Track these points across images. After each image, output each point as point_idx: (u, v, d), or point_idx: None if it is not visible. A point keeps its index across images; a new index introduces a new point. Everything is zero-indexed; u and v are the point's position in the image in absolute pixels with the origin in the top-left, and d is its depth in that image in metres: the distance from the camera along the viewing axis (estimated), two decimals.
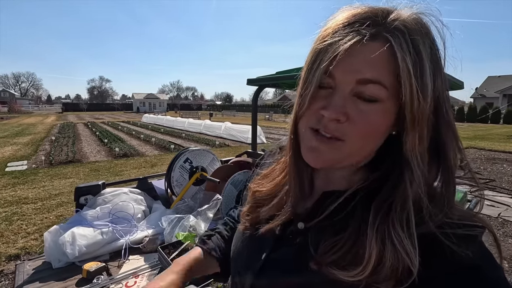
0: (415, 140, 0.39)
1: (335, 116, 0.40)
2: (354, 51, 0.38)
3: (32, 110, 52.49)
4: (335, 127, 0.41)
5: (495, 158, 8.91)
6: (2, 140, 12.21)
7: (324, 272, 0.42)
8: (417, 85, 0.36)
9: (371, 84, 0.38)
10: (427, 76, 0.37)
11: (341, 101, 0.40)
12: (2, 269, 2.90)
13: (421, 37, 0.37)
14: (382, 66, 0.37)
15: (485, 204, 4.62)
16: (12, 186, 5.52)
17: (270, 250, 0.53)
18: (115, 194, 2.04)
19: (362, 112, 0.39)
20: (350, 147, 0.42)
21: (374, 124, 0.40)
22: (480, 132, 17.04)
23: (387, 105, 0.39)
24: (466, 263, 0.36)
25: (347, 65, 0.39)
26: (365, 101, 0.39)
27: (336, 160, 0.43)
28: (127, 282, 1.51)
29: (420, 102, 0.37)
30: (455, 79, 2.33)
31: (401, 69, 0.36)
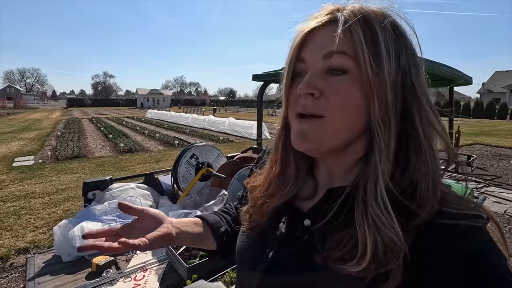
0: (374, 104, 0.41)
1: (307, 90, 0.42)
2: (317, 34, 0.43)
3: (37, 106, 52.96)
4: (311, 104, 0.43)
5: (501, 154, 8.81)
6: (9, 135, 12.35)
7: (332, 268, 0.42)
8: (369, 52, 0.40)
9: (336, 55, 0.42)
10: (381, 47, 0.40)
11: (312, 77, 0.43)
12: (12, 262, 2.94)
13: (375, 17, 0.42)
14: (343, 40, 0.41)
15: (491, 201, 4.58)
16: (19, 181, 5.59)
17: (277, 247, 0.53)
18: (122, 189, 2.06)
19: (333, 84, 0.42)
20: (331, 123, 0.43)
21: (346, 95, 0.42)
22: (486, 128, 16.84)
23: (355, 75, 0.41)
24: (470, 251, 0.37)
25: (312, 46, 0.44)
26: (334, 74, 0.42)
27: (320, 138, 0.44)
28: (136, 276, 1.54)
29: (373, 68, 0.40)
30: (464, 75, 2.30)
31: (355, 40, 0.40)
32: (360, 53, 0.40)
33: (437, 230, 0.39)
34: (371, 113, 0.42)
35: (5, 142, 10.38)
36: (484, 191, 4.89)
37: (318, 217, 0.49)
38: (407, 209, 0.40)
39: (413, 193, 0.41)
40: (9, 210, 4.18)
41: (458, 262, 0.36)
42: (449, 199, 0.41)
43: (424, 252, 0.38)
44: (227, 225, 0.73)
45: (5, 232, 3.54)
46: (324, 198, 0.51)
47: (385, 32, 0.42)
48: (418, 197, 0.40)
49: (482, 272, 0.36)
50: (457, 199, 0.42)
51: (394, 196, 0.41)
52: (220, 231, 0.70)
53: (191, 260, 1.50)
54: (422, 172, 0.41)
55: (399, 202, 0.40)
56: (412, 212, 0.39)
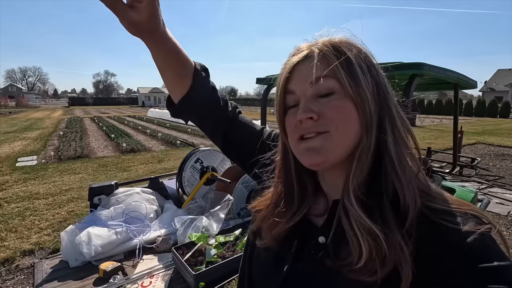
0: (362, 117, 0.46)
1: (306, 114, 0.46)
2: (300, 68, 0.48)
3: (39, 105, 53.08)
4: (313, 125, 0.47)
5: (504, 154, 8.76)
6: (11, 135, 12.39)
7: (346, 278, 0.43)
8: (345, 72, 0.45)
9: (322, 79, 0.46)
10: (355, 66, 0.46)
11: (306, 104, 0.47)
12: (18, 264, 2.97)
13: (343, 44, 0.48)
14: (323, 67, 0.46)
15: (494, 202, 4.56)
16: (23, 181, 5.62)
17: (291, 262, 0.53)
18: (127, 194, 2.07)
19: (326, 104, 0.46)
20: (336, 135, 0.46)
21: (340, 109, 0.46)
22: (489, 127, 16.77)
23: (342, 93, 0.46)
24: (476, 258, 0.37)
25: (298, 78, 0.49)
26: (324, 96, 0.47)
27: (329, 150, 0.47)
28: (143, 282, 1.55)
29: (351, 84, 0.45)
30: (469, 79, 2.29)
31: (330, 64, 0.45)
32: (338, 74, 0.45)
33: (439, 233, 0.40)
34: (362, 123, 0.46)
35: (8, 142, 10.42)
36: (487, 192, 4.87)
37: (330, 232, 0.50)
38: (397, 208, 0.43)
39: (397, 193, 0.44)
40: (13, 211, 4.20)
41: (463, 270, 0.37)
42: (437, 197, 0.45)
43: (427, 258, 0.39)
44: (220, 95, 0.69)
45: (10, 233, 3.57)
46: (331, 211, 0.53)
47: (353, 53, 0.47)
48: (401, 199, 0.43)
49: (487, 279, 0.36)
50: (445, 197, 0.45)
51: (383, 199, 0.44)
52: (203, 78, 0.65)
53: (198, 267, 1.51)
54: (397, 170, 0.45)
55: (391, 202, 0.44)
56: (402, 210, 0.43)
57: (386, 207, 0.43)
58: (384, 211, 0.43)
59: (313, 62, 0.46)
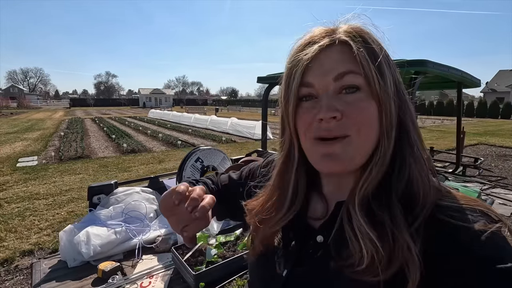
0: (382, 119, 0.44)
1: (330, 114, 0.43)
2: (321, 58, 0.44)
3: (40, 106, 53.25)
4: (336, 126, 0.44)
5: (506, 154, 8.73)
6: (12, 135, 12.42)
7: (347, 277, 0.42)
8: (376, 70, 0.42)
9: (347, 75, 0.43)
10: (382, 62, 0.43)
11: (329, 101, 0.44)
12: (17, 264, 2.96)
13: (367, 35, 0.45)
14: (349, 60, 0.43)
15: (497, 203, 4.53)
16: (23, 182, 5.62)
17: (291, 266, 0.52)
18: (127, 194, 2.05)
19: (351, 103, 0.43)
20: (358, 139, 0.44)
21: (365, 109, 0.43)
22: (490, 127, 16.73)
23: (367, 91, 0.43)
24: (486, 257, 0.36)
25: (319, 70, 0.44)
26: (349, 93, 0.44)
27: (350, 157, 0.45)
28: (142, 282, 1.52)
29: (380, 82, 0.42)
30: (473, 77, 2.27)
31: (360, 58, 0.42)
32: (368, 70, 0.42)
33: (448, 232, 0.39)
34: (382, 125, 0.44)
35: (9, 142, 10.44)
36: (490, 193, 4.84)
37: (330, 232, 0.48)
38: (409, 209, 0.41)
39: (411, 194, 0.42)
40: (13, 212, 4.19)
41: (471, 270, 0.36)
42: (450, 196, 0.43)
43: (435, 258, 0.38)
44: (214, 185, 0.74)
45: (9, 233, 3.56)
46: (335, 212, 0.51)
47: (378, 47, 0.45)
48: (416, 197, 0.42)
49: (496, 280, 0.35)
50: (457, 196, 0.43)
51: (392, 198, 0.42)
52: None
53: (198, 267, 1.49)
54: (418, 170, 0.43)
55: (400, 202, 0.42)
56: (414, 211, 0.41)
57: (395, 206, 0.41)
58: (394, 210, 0.41)
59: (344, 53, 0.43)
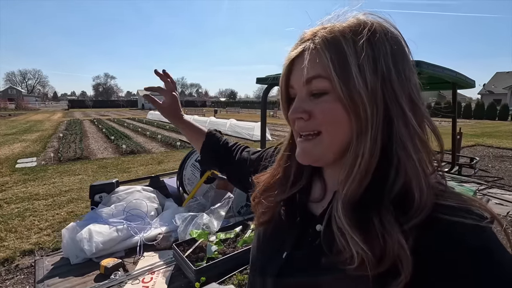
0: (352, 121, 0.44)
1: (296, 115, 0.47)
2: (297, 63, 0.48)
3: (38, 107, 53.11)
4: (304, 125, 0.48)
5: (503, 155, 8.80)
6: (11, 136, 12.39)
7: (339, 269, 0.43)
8: (336, 73, 0.43)
9: (314, 80, 0.45)
10: (350, 64, 0.42)
11: (299, 103, 0.48)
12: (17, 264, 2.97)
13: (344, 35, 0.44)
14: (317, 65, 0.45)
15: (494, 203, 4.57)
16: (23, 183, 5.62)
17: (291, 249, 0.55)
18: (128, 192, 2.08)
19: (317, 105, 0.46)
20: (326, 138, 0.47)
21: (330, 111, 0.45)
22: (487, 129, 16.82)
23: (335, 94, 0.44)
24: (476, 249, 0.37)
25: (296, 74, 0.48)
26: (317, 96, 0.46)
27: (319, 154, 0.49)
28: (144, 278, 1.55)
29: (342, 87, 0.42)
30: (467, 78, 2.32)
31: (323, 63, 0.44)
32: (330, 75, 0.43)
33: (440, 228, 0.39)
34: (351, 127, 0.45)
35: (7, 144, 10.42)
36: (486, 193, 4.88)
37: (328, 221, 0.50)
38: (404, 210, 0.41)
39: (407, 195, 0.42)
40: (13, 212, 4.20)
41: (464, 261, 0.37)
42: (446, 195, 0.43)
43: (427, 251, 0.39)
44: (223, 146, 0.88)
45: (9, 234, 3.57)
46: (332, 201, 0.53)
47: (355, 46, 0.43)
48: (416, 200, 0.41)
49: (490, 269, 0.36)
50: (454, 195, 0.43)
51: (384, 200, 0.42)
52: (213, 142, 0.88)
53: (199, 263, 1.52)
54: (413, 174, 0.42)
55: (393, 203, 0.42)
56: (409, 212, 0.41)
57: (387, 208, 0.41)
58: (385, 212, 0.41)
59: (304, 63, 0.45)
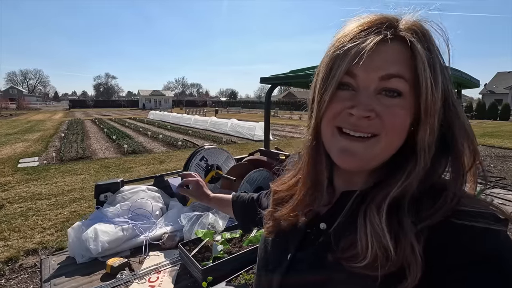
0: (426, 131, 0.41)
1: (365, 113, 0.42)
2: (375, 51, 0.41)
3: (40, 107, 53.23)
4: (367, 125, 0.42)
5: (505, 155, 8.79)
6: (13, 136, 12.42)
7: (344, 267, 0.43)
8: (431, 78, 0.39)
9: (394, 79, 0.41)
10: (438, 70, 0.40)
11: (368, 99, 0.42)
12: (21, 263, 2.98)
13: (430, 36, 0.42)
14: (403, 62, 0.41)
15: (496, 203, 4.57)
16: (25, 182, 5.63)
17: (295, 250, 0.55)
18: (133, 192, 2.08)
19: (388, 107, 0.42)
20: (384, 142, 0.43)
21: (400, 117, 0.42)
22: (489, 129, 16.80)
23: (408, 99, 0.41)
24: (485, 253, 0.36)
25: (369, 64, 0.41)
26: (389, 96, 0.42)
27: (368, 158, 0.44)
28: (150, 278, 1.55)
29: (433, 94, 0.40)
30: (472, 78, 2.31)
31: (419, 63, 0.40)
32: (422, 79, 0.39)
33: (451, 230, 0.38)
34: (420, 135, 0.42)
35: (9, 144, 10.44)
36: (489, 193, 4.88)
37: (333, 220, 0.50)
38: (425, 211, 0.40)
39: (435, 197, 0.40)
40: (16, 212, 4.21)
41: (472, 265, 0.36)
42: (465, 201, 0.41)
43: (437, 253, 0.38)
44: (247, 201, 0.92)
45: (13, 233, 3.58)
46: (339, 201, 0.53)
47: (437, 50, 0.42)
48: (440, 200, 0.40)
49: (496, 274, 0.35)
50: (469, 198, 0.42)
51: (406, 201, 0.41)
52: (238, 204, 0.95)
53: (205, 262, 1.52)
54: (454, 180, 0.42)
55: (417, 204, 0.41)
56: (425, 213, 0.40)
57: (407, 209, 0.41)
58: (404, 213, 0.41)
59: (398, 54, 0.41)
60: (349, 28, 0.44)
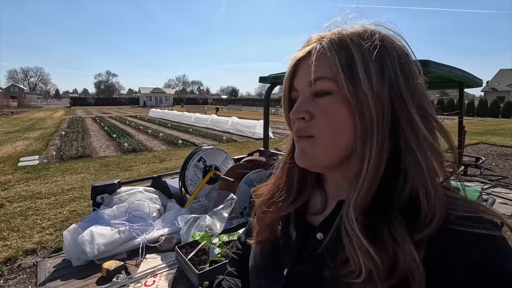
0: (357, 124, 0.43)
1: (297, 115, 0.47)
2: (303, 64, 0.48)
3: (41, 105, 53.33)
4: (303, 126, 0.47)
5: (507, 154, 8.73)
6: (13, 134, 12.43)
7: (343, 282, 0.42)
8: (344, 74, 0.42)
9: (319, 81, 0.45)
10: (357, 66, 0.42)
11: (301, 103, 0.47)
12: (20, 263, 2.97)
13: (351, 38, 0.44)
14: (322, 66, 0.44)
15: (498, 202, 4.53)
16: (25, 181, 5.63)
17: (291, 265, 0.53)
18: (130, 193, 2.06)
19: (320, 105, 0.46)
20: (322, 141, 0.46)
21: (333, 113, 0.44)
22: (490, 126, 16.72)
23: (340, 95, 0.44)
24: (484, 258, 0.37)
25: (300, 75, 0.48)
26: (320, 96, 0.46)
27: (316, 157, 0.47)
28: (146, 281, 1.53)
29: (349, 88, 0.42)
30: (475, 77, 2.28)
31: (330, 64, 0.43)
32: (337, 76, 0.43)
33: (449, 237, 0.39)
34: (356, 130, 0.43)
35: (10, 142, 10.45)
36: (490, 192, 4.84)
37: (330, 230, 0.49)
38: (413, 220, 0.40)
39: (416, 204, 0.41)
40: (15, 211, 4.21)
41: (471, 270, 0.36)
42: (457, 203, 0.41)
43: (436, 260, 0.38)
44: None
45: (12, 233, 3.57)
46: (335, 210, 0.52)
47: (362, 50, 0.43)
48: (422, 207, 0.40)
49: (496, 279, 0.35)
50: (465, 203, 0.42)
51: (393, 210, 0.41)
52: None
53: (201, 266, 1.50)
54: (420, 181, 0.41)
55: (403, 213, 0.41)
56: (419, 223, 0.39)
57: (396, 218, 0.40)
58: (394, 223, 0.40)
59: (310, 63, 0.45)
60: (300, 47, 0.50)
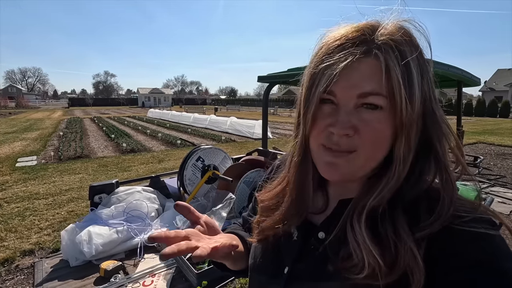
0: (402, 142, 0.42)
1: (344, 131, 0.43)
2: (350, 69, 0.41)
3: (39, 105, 53.09)
4: (346, 142, 0.43)
5: (505, 153, 8.76)
6: (11, 135, 12.37)
7: (346, 278, 0.42)
8: (406, 95, 0.40)
9: (371, 96, 0.42)
10: (415, 84, 0.40)
11: (347, 116, 0.43)
12: (18, 264, 2.95)
13: (408, 46, 0.41)
14: (378, 79, 0.41)
15: (496, 201, 4.55)
16: (23, 182, 5.60)
17: (292, 263, 0.53)
18: (128, 193, 2.05)
19: (367, 121, 0.42)
20: (363, 157, 0.44)
21: (379, 131, 0.42)
22: (488, 126, 16.78)
23: (387, 112, 0.42)
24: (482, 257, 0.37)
25: (345, 82, 0.42)
26: (369, 109, 0.42)
27: (352, 171, 0.45)
28: (144, 281, 1.53)
29: (408, 110, 0.40)
30: (473, 76, 2.28)
31: (393, 82, 0.40)
32: (397, 95, 0.40)
33: (449, 237, 0.39)
34: (396, 147, 0.43)
35: (7, 142, 10.40)
36: (488, 191, 4.86)
37: (332, 229, 0.49)
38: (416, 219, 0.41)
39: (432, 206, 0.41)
40: (13, 211, 4.18)
41: (469, 268, 0.37)
42: (459, 204, 0.42)
43: (435, 259, 0.39)
44: None
45: (9, 233, 3.55)
46: (337, 210, 0.52)
47: (416, 64, 0.41)
48: (438, 209, 0.40)
49: (493, 278, 0.36)
50: (465, 202, 0.42)
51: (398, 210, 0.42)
52: None
53: (200, 266, 1.49)
54: (444, 188, 0.42)
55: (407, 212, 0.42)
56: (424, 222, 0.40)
57: (401, 218, 0.41)
58: (399, 222, 0.41)
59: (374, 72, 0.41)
60: (326, 42, 0.45)
